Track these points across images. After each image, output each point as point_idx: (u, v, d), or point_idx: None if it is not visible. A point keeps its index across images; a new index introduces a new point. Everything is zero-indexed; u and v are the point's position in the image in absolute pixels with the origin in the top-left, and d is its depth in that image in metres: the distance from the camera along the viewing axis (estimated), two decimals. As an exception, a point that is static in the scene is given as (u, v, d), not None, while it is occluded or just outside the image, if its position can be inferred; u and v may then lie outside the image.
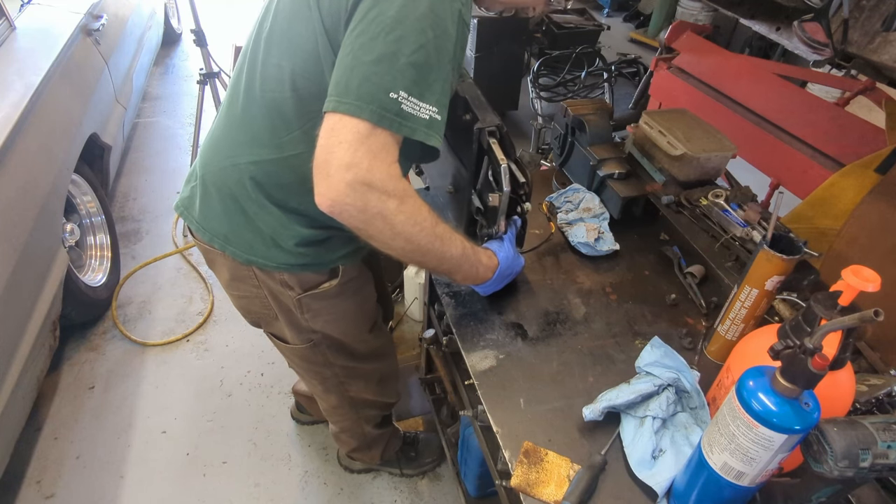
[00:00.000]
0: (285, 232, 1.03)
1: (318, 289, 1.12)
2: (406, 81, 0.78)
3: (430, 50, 0.79)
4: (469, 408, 1.30)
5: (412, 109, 0.80)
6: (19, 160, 1.81)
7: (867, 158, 1.40)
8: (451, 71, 0.84)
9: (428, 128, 0.82)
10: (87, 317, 2.38)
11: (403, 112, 0.79)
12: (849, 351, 0.72)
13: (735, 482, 0.73)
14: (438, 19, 0.79)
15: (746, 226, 1.19)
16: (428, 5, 0.78)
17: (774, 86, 1.83)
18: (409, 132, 0.81)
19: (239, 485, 1.88)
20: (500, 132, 1.00)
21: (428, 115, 0.81)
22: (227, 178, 1.02)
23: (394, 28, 0.77)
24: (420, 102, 0.80)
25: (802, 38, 0.98)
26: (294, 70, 0.90)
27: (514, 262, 1.11)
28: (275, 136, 0.96)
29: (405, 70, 0.78)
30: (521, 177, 1.04)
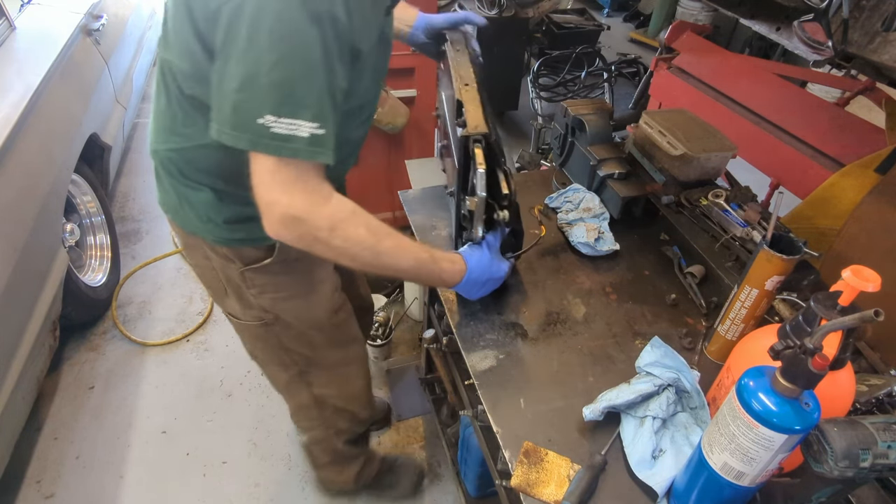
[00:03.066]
0: (214, 209, 1.03)
1: (257, 263, 1.10)
2: (271, 103, 0.76)
3: (290, 64, 0.75)
4: (469, 408, 1.30)
5: (287, 130, 0.77)
6: (19, 160, 1.81)
7: (867, 158, 1.40)
8: (330, 77, 0.79)
9: (312, 145, 0.79)
10: (87, 317, 2.38)
11: (277, 135, 0.77)
12: (849, 351, 0.72)
13: (735, 482, 0.73)
14: (291, 27, 0.73)
15: (746, 226, 1.19)
16: (274, 16, 0.73)
17: (774, 86, 1.83)
18: (291, 153, 0.78)
19: (239, 485, 1.88)
20: (487, 140, 0.99)
21: (308, 133, 0.78)
22: (157, 161, 1.05)
23: (247, 49, 0.74)
24: (295, 121, 0.77)
25: (802, 38, 0.98)
26: (184, 70, 0.88)
27: (490, 268, 1.06)
28: (185, 125, 0.95)
29: (267, 91, 0.75)
30: (505, 187, 1.03)
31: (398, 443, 2.05)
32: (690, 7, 4.84)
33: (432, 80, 2.36)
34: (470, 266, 1.04)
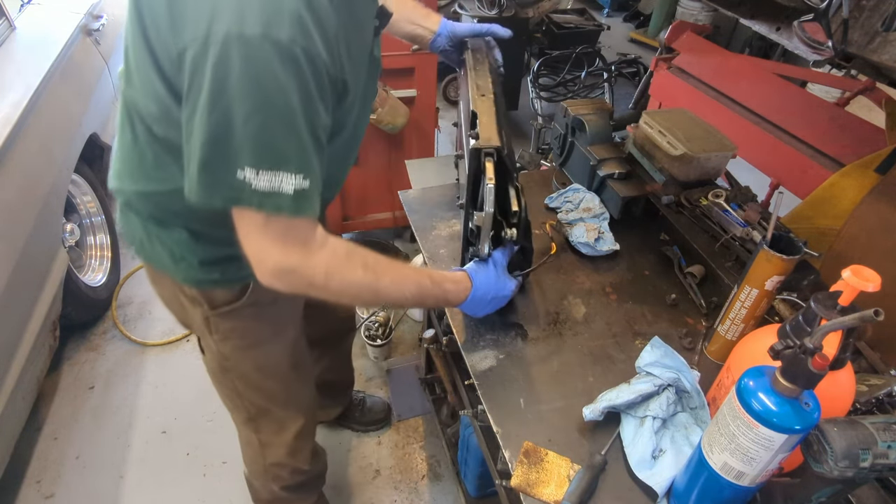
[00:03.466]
0: (189, 249, 0.96)
1: (227, 307, 1.04)
2: (250, 157, 0.70)
3: (267, 113, 0.69)
4: (469, 408, 1.30)
5: (269, 186, 0.71)
6: (19, 160, 1.81)
7: (867, 158, 1.40)
8: (312, 122, 0.73)
9: (297, 201, 0.73)
10: (87, 317, 2.38)
11: (258, 191, 0.71)
12: (849, 351, 0.72)
13: (735, 482, 0.73)
14: (264, 72, 0.67)
15: (746, 226, 1.19)
16: (243, 61, 0.66)
17: (774, 86, 1.83)
18: (275, 209, 0.73)
19: (239, 485, 1.87)
20: (499, 154, 0.97)
21: (292, 189, 0.72)
22: (122, 200, 0.99)
23: (216, 99, 0.68)
24: (277, 174, 0.71)
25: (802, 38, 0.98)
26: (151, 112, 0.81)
27: (497, 286, 1.02)
28: (156, 168, 0.87)
29: (244, 145, 0.69)
30: (515, 204, 1.00)
31: (398, 443, 2.05)
32: (690, 7, 4.84)
33: (432, 80, 2.36)
34: (475, 284, 1.00)
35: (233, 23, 0.65)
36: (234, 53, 0.65)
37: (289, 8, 0.66)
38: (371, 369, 2.31)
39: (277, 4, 0.66)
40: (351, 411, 2.03)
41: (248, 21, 0.65)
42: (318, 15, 0.69)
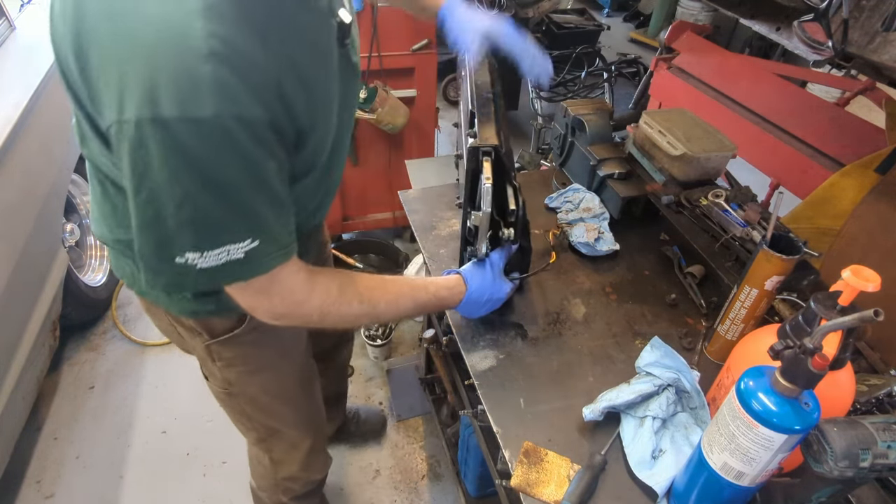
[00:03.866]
0: None
1: (227, 334, 1.01)
2: (188, 241, 0.65)
3: (200, 197, 0.63)
4: (469, 408, 1.30)
5: (216, 261, 0.67)
6: (19, 160, 1.81)
7: (867, 158, 1.40)
8: (258, 187, 0.67)
9: (249, 263, 0.69)
10: (87, 317, 2.38)
11: (205, 270, 0.67)
12: (849, 351, 0.72)
13: (735, 482, 0.73)
14: (188, 160, 0.60)
15: (746, 226, 1.19)
16: (161, 152, 0.59)
17: (774, 86, 1.83)
18: (231, 280, 0.71)
19: (239, 485, 1.87)
20: (496, 153, 0.96)
21: (243, 253, 0.68)
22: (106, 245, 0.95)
23: (139, 188, 0.62)
24: (223, 248, 0.67)
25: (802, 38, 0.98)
26: (109, 169, 0.76)
27: (492, 289, 1.02)
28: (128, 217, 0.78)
29: (179, 231, 0.64)
30: (513, 203, 0.99)
31: (398, 443, 2.05)
32: (690, 7, 4.84)
33: (432, 80, 2.36)
34: (469, 287, 1.00)
35: (143, 106, 0.58)
36: (151, 140, 0.59)
37: (207, 79, 0.58)
38: (371, 369, 2.31)
39: (193, 78, 0.57)
40: (346, 426, 1.99)
41: (161, 103, 0.57)
42: (247, 72, 0.61)
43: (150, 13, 0.58)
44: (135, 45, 0.58)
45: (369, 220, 2.69)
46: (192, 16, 0.58)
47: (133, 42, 0.58)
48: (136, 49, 0.58)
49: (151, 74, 0.57)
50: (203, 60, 0.58)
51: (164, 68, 0.57)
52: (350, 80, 0.90)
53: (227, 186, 0.64)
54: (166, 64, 0.57)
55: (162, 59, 0.57)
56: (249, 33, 0.62)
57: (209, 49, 0.58)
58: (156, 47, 0.58)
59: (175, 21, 0.58)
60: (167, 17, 0.58)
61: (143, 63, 0.58)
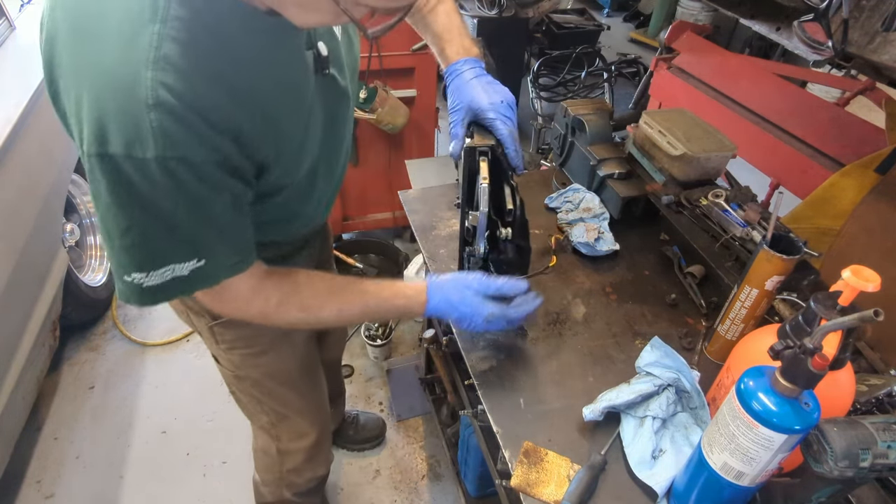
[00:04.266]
0: None
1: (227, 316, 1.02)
2: (134, 264, 0.70)
3: (142, 228, 0.68)
4: (469, 408, 1.30)
5: (161, 279, 0.71)
6: (19, 160, 1.81)
7: (867, 158, 1.40)
8: (203, 216, 0.71)
9: (194, 280, 0.73)
10: (87, 317, 2.38)
11: (151, 287, 0.72)
12: (849, 351, 0.72)
13: (735, 482, 0.73)
14: (129, 193, 0.65)
15: (746, 226, 1.19)
16: (107, 185, 0.64)
17: (774, 86, 1.83)
18: (178, 294, 0.75)
19: (239, 485, 1.88)
20: (493, 153, 0.96)
21: (188, 271, 0.72)
22: None
23: (96, 207, 0.68)
24: (167, 268, 0.71)
25: (802, 38, 0.98)
26: None
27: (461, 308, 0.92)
28: None
29: (124, 255, 0.70)
30: (510, 203, 0.98)
31: (398, 443, 2.05)
32: (690, 7, 4.84)
33: (432, 80, 2.36)
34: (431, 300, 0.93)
35: (94, 142, 0.62)
36: (99, 172, 0.64)
37: (151, 126, 0.61)
38: (371, 369, 2.31)
39: (137, 124, 0.61)
40: (344, 429, 2.00)
41: (110, 141, 0.62)
42: (193, 121, 0.64)
43: (105, 61, 0.62)
44: (90, 87, 0.62)
45: (369, 220, 2.69)
46: (143, 66, 0.61)
47: (89, 84, 0.62)
48: (91, 91, 0.62)
49: (101, 115, 0.62)
50: (148, 109, 0.61)
51: (112, 112, 0.61)
52: (338, 102, 0.90)
53: (171, 218, 0.68)
54: (115, 108, 0.61)
55: (111, 104, 0.61)
56: (203, 82, 0.64)
57: (155, 99, 0.61)
58: (107, 92, 0.61)
59: (126, 70, 0.61)
60: (119, 65, 0.61)
61: (96, 104, 0.62)
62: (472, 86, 0.99)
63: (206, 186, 0.68)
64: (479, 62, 1.02)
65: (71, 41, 0.64)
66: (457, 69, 1.01)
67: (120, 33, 0.61)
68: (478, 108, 0.98)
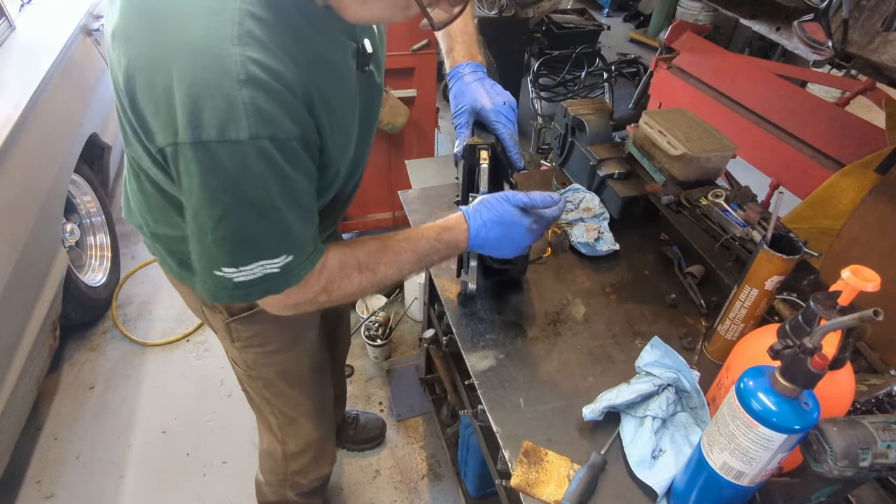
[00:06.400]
0: None
1: (245, 312, 1.03)
2: (225, 258, 0.71)
3: (236, 217, 0.68)
4: (469, 408, 1.30)
5: (252, 276, 0.73)
6: (19, 160, 1.81)
7: (867, 158, 1.40)
8: (290, 205, 0.72)
9: (286, 275, 0.75)
10: (87, 317, 2.38)
11: (242, 283, 0.73)
12: (849, 351, 0.72)
13: (735, 482, 0.73)
14: (225, 180, 0.65)
15: (746, 226, 1.19)
16: (202, 173, 0.65)
17: (774, 86, 1.83)
18: (264, 293, 0.76)
19: (239, 485, 1.88)
20: (493, 150, 0.97)
21: (278, 268, 0.74)
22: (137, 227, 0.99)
23: (188, 203, 0.69)
24: (258, 263, 0.72)
25: (802, 38, 0.98)
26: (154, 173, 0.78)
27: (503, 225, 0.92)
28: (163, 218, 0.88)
29: (217, 248, 0.70)
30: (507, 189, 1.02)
31: (398, 443, 2.05)
32: (690, 7, 4.84)
33: (432, 80, 2.36)
34: (471, 222, 0.92)
35: (189, 128, 0.62)
36: (193, 162, 0.64)
37: (243, 104, 0.62)
38: (371, 369, 2.31)
39: (229, 102, 0.62)
40: (344, 430, 2.00)
41: (204, 127, 0.62)
42: (280, 94, 0.65)
43: (191, 41, 0.62)
44: (180, 72, 0.61)
45: (369, 220, 2.69)
46: (230, 42, 0.61)
47: (178, 68, 0.62)
48: (181, 75, 0.61)
49: (195, 97, 0.61)
50: (240, 85, 0.61)
51: (205, 92, 0.61)
52: (372, 99, 0.92)
53: (263, 203, 0.68)
54: (207, 88, 0.61)
55: (203, 83, 0.61)
56: (282, 56, 0.65)
57: (246, 74, 0.62)
58: (198, 72, 0.61)
59: (214, 48, 0.61)
60: (207, 44, 0.61)
61: (188, 88, 0.61)
62: (475, 88, 1.04)
63: (293, 166, 0.69)
64: (481, 67, 1.07)
65: (150, 31, 0.64)
66: (460, 72, 1.06)
67: (201, 13, 0.62)
68: (481, 109, 1.02)
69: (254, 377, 1.19)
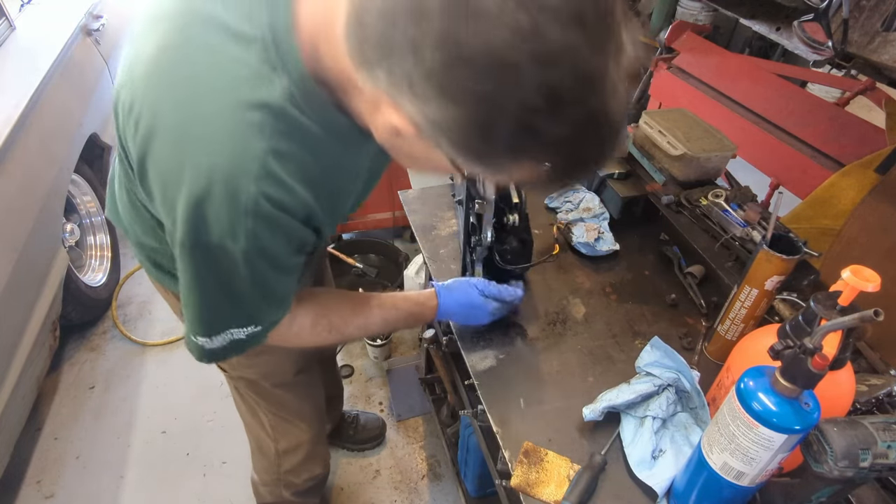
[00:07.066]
0: None
1: None
2: (201, 329, 0.77)
3: (214, 301, 0.73)
4: (469, 408, 1.30)
5: (220, 343, 0.78)
6: (19, 160, 1.81)
7: (867, 158, 1.39)
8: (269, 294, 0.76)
9: (250, 341, 0.79)
10: (87, 317, 2.38)
11: (213, 350, 0.78)
12: (849, 351, 0.72)
13: (735, 482, 0.73)
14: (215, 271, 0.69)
15: (746, 226, 1.19)
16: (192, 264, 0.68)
17: (774, 86, 1.83)
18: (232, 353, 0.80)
19: (239, 485, 1.88)
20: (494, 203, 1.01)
21: (245, 335, 0.78)
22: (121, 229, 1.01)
23: (181, 276, 0.72)
24: (226, 332, 0.77)
25: (802, 38, 0.98)
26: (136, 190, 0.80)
27: (467, 308, 1.02)
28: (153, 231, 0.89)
29: (194, 319, 0.76)
30: (515, 196, 1.05)
31: (398, 443, 2.05)
32: (690, 7, 4.83)
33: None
34: (441, 304, 1.01)
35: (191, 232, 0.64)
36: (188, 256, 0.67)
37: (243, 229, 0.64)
38: (371, 369, 2.31)
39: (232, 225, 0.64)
40: (344, 429, 1.99)
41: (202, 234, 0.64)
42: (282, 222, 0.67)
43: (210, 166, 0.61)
44: (190, 186, 0.62)
45: (369, 220, 2.69)
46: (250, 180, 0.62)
47: (189, 182, 0.62)
48: (189, 188, 0.62)
49: (200, 211, 0.63)
50: (246, 215, 0.63)
51: (212, 213, 0.63)
52: (382, 165, 0.92)
53: (240, 293, 0.72)
54: (215, 210, 0.62)
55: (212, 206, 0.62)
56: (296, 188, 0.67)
57: (255, 209, 0.63)
58: (209, 196, 0.62)
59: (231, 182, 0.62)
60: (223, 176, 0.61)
61: (196, 203, 0.62)
62: None
63: (277, 268, 0.73)
64: None
65: (174, 139, 0.63)
66: None
67: (228, 142, 0.61)
68: None
69: (236, 378, 1.20)
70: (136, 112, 0.64)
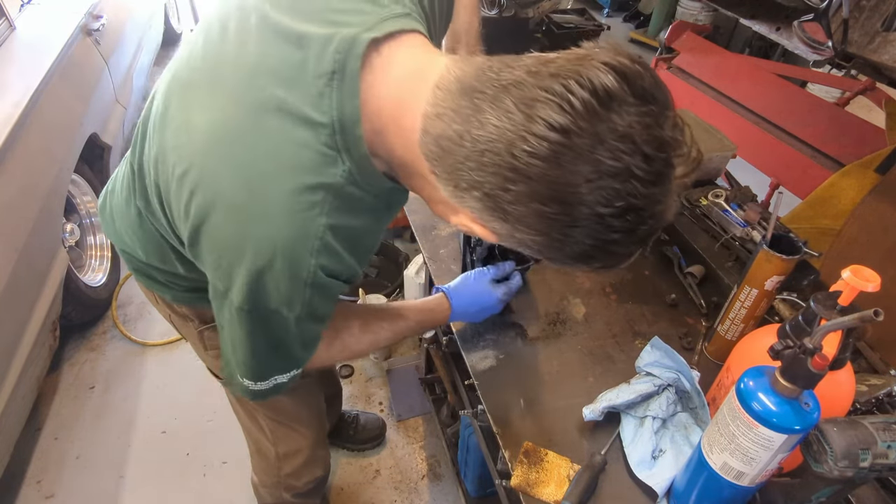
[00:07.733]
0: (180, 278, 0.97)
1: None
2: (247, 375, 0.79)
3: (262, 356, 0.76)
4: (469, 408, 1.30)
5: (264, 387, 0.81)
6: (19, 160, 1.81)
7: (867, 158, 1.40)
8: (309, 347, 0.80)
9: (291, 380, 0.82)
10: (87, 317, 2.38)
11: (259, 392, 0.81)
12: (849, 351, 0.72)
13: (735, 482, 0.73)
14: (262, 329, 0.72)
15: (746, 226, 1.19)
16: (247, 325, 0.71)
17: (774, 86, 1.83)
18: (275, 393, 0.83)
19: (239, 485, 1.88)
20: None
21: (287, 378, 0.81)
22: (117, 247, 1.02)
23: (223, 328, 0.75)
24: (271, 378, 0.80)
25: (802, 38, 0.98)
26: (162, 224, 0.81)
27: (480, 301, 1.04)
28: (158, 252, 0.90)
29: (240, 367, 0.78)
30: None
31: (398, 443, 2.05)
32: (690, 7, 4.83)
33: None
34: (454, 303, 1.02)
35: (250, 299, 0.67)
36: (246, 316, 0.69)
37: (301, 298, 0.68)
38: (371, 369, 2.31)
39: (290, 295, 0.67)
40: (344, 429, 1.99)
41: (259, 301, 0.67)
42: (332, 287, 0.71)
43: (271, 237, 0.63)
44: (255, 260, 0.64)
45: (369, 220, 2.68)
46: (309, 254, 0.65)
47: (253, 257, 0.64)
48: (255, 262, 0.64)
49: (260, 282, 0.65)
50: (305, 286, 0.67)
51: (272, 284, 0.66)
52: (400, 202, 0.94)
53: (286, 348, 0.76)
54: (275, 282, 0.66)
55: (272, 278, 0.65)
56: (346, 255, 0.70)
57: (313, 280, 0.67)
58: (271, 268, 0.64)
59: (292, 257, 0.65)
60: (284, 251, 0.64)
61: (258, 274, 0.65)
62: None
63: (321, 322, 0.77)
64: None
65: (236, 217, 0.65)
66: None
67: (287, 218, 0.63)
68: None
69: None
70: (190, 181, 0.65)
